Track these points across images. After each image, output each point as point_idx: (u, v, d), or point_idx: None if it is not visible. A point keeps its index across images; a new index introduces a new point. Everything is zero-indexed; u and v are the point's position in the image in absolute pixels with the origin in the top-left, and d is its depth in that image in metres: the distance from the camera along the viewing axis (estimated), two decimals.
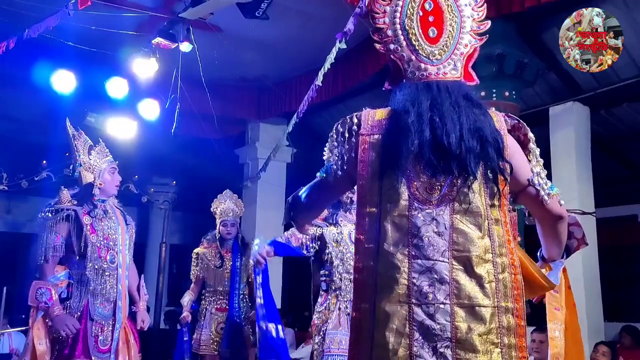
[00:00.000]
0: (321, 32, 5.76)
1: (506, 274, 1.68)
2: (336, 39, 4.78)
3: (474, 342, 1.59)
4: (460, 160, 1.66)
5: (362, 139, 1.77)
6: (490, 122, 1.75)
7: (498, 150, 1.71)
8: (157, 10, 5.68)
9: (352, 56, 6.21)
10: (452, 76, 1.80)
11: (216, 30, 5.94)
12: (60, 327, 3.22)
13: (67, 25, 5.00)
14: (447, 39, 1.80)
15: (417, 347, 1.59)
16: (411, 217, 1.67)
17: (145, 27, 5.90)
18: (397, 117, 1.74)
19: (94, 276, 3.37)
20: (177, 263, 11.98)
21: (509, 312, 1.65)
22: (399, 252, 1.66)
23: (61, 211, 3.39)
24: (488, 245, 1.67)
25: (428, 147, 1.68)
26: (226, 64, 6.69)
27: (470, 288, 1.63)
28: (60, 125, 7.13)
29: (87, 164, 3.53)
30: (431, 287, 1.62)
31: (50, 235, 3.36)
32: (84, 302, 3.35)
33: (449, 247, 1.65)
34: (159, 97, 6.46)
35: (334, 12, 5.32)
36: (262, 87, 7.81)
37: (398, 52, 1.82)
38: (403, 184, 1.69)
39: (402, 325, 1.61)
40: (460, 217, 1.67)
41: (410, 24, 1.81)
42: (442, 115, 1.70)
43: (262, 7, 4.94)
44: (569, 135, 6.27)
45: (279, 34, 6.25)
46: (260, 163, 8.23)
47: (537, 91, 6.50)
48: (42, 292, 3.27)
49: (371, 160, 1.74)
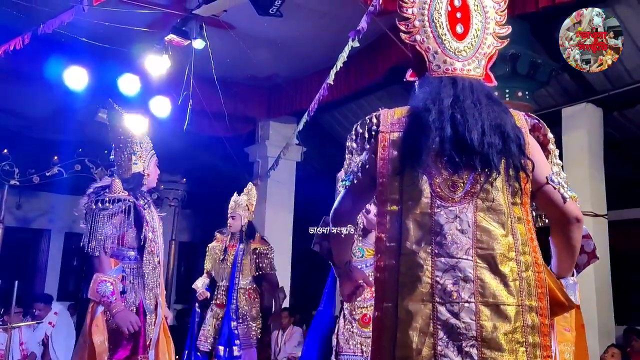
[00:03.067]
0: (333, 30, 5.75)
1: (530, 272, 1.66)
2: (348, 38, 4.77)
3: (499, 341, 1.57)
4: (483, 155, 1.66)
5: (381, 136, 1.77)
6: (512, 120, 1.75)
7: (520, 147, 1.70)
8: (170, 7, 5.69)
9: (363, 55, 6.20)
10: (476, 74, 1.81)
11: (229, 28, 5.94)
12: (123, 324, 3.03)
13: (81, 21, 5.01)
14: (473, 37, 1.82)
15: (441, 346, 1.58)
16: (433, 214, 1.66)
17: (158, 24, 5.91)
18: (417, 114, 1.74)
19: (149, 270, 3.23)
20: (186, 261, 12.00)
21: (533, 311, 1.64)
22: (421, 250, 1.64)
23: (119, 201, 3.16)
24: (511, 243, 1.66)
25: (450, 143, 1.67)
26: (238, 61, 6.70)
27: (495, 286, 1.61)
28: (72, 121, 7.17)
29: (140, 152, 3.36)
30: (455, 285, 1.61)
31: (108, 226, 3.11)
32: (139, 297, 3.19)
33: (473, 245, 1.63)
34: (171, 95, 6.47)
35: (347, 10, 5.31)
36: (273, 85, 7.82)
37: (424, 43, 1.82)
38: (424, 182, 1.68)
39: (426, 325, 1.59)
40: (483, 215, 1.66)
41: (439, 18, 1.81)
42: (463, 112, 1.69)
43: (275, 4, 4.93)
44: (581, 137, 6.22)
45: (291, 33, 6.24)
46: (270, 161, 8.22)
47: (550, 92, 6.46)
48: (104, 286, 3.04)
49: (391, 157, 1.73)
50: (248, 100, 7.98)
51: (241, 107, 7.90)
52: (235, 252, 5.10)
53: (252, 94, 8.02)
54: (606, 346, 5.71)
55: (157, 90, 6.46)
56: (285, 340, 7.78)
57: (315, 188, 9.33)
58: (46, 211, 10.34)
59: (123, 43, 5.95)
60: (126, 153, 3.35)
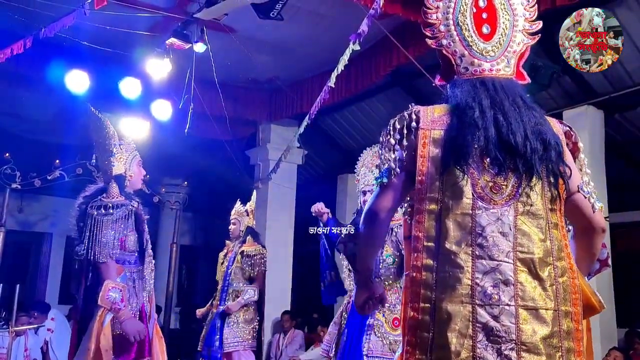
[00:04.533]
0: (334, 33, 5.75)
1: (566, 278, 1.67)
2: (349, 41, 4.78)
3: (538, 345, 1.57)
4: (526, 160, 1.65)
5: (422, 133, 1.74)
6: (550, 126, 1.75)
7: (559, 154, 1.70)
8: (171, 11, 5.70)
9: (364, 58, 6.20)
10: (505, 73, 1.81)
11: (230, 32, 5.95)
12: (131, 333, 3.03)
13: (82, 25, 5.03)
14: (501, 36, 1.82)
15: (480, 349, 1.56)
16: (475, 215, 1.65)
17: (159, 28, 5.92)
18: (459, 113, 1.72)
19: (148, 273, 3.25)
20: (187, 264, 12.00)
21: (568, 316, 1.64)
22: (462, 251, 1.62)
23: (122, 206, 3.17)
24: (549, 248, 1.66)
25: (494, 144, 1.66)
26: (239, 65, 6.71)
27: (534, 290, 1.61)
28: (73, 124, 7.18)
29: (119, 153, 3.33)
30: (495, 288, 1.59)
31: (110, 232, 3.12)
32: (141, 300, 3.19)
33: (513, 248, 1.62)
34: (172, 98, 6.48)
35: (348, 13, 5.31)
36: (274, 88, 7.83)
37: (450, 47, 1.83)
38: (467, 182, 1.66)
39: (465, 327, 1.57)
40: (523, 219, 1.65)
41: (464, 20, 1.83)
42: (505, 114, 1.69)
43: (276, 7, 4.94)
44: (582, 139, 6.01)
45: (291, 36, 6.25)
46: (271, 164, 8.23)
47: (551, 94, 6.45)
48: (115, 292, 3.02)
49: (432, 155, 1.71)
50: (249, 103, 7.98)
51: (242, 110, 7.90)
52: (230, 256, 5.20)
53: (253, 97, 8.02)
54: (608, 349, 5.70)
55: (158, 94, 6.47)
56: (287, 343, 7.78)
57: (317, 191, 9.34)
58: (47, 215, 10.34)
59: (124, 47, 5.96)
60: (105, 155, 3.34)
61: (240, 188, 5.57)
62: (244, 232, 5.30)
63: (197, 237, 12.08)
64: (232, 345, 4.88)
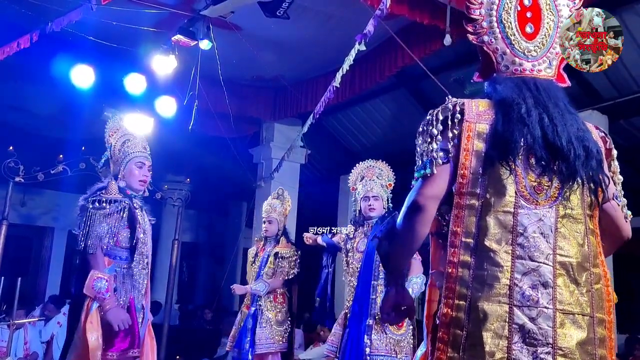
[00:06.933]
0: (340, 33, 5.75)
1: (600, 285, 1.65)
2: (355, 41, 4.77)
3: (574, 351, 1.54)
4: (570, 163, 1.63)
5: (467, 125, 1.70)
6: (591, 133, 1.74)
7: (599, 162, 1.69)
8: (178, 8, 5.70)
9: (369, 58, 6.20)
10: (547, 74, 1.79)
11: (236, 29, 5.95)
12: (114, 321, 3.11)
13: (88, 19, 5.04)
14: (544, 37, 1.80)
15: (516, 351, 1.53)
16: (517, 214, 1.62)
17: (165, 24, 5.92)
18: (506, 108, 1.69)
19: (139, 270, 3.32)
20: (188, 261, 12.01)
21: (602, 324, 1.61)
22: (502, 250, 1.59)
23: (115, 202, 3.25)
24: (587, 253, 1.64)
25: (540, 144, 1.63)
26: (244, 63, 6.71)
27: (572, 295, 1.58)
28: (78, 119, 7.19)
29: (115, 155, 3.45)
30: (534, 289, 1.56)
31: (102, 225, 3.20)
32: (130, 296, 3.26)
33: (553, 251, 1.60)
34: (176, 95, 6.48)
35: (354, 13, 5.31)
36: (278, 87, 7.82)
37: (492, 44, 1.81)
38: (511, 179, 1.63)
39: (501, 327, 1.54)
40: (564, 222, 1.63)
41: (508, 18, 1.80)
42: (550, 116, 1.67)
43: (283, 6, 4.94)
44: None
45: (297, 35, 6.25)
46: (274, 163, 8.23)
47: None
48: (100, 282, 3.12)
49: (476, 149, 1.67)
50: (253, 101, 7.98)
51: (246, 108, 7.90)
52: (262, 256, 5.10)
53: (258, 96, 8.02)
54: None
55: (163, 90, 6.47)
56: None
57: (319, 191, 9.34)
58: (50, 209, 10.37)
59: (130, 42, 5.97)
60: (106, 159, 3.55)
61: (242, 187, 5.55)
62: (281, 232, 5.18)
63: (199, 234, 12.08)
64: (265, 347, 4.80)
